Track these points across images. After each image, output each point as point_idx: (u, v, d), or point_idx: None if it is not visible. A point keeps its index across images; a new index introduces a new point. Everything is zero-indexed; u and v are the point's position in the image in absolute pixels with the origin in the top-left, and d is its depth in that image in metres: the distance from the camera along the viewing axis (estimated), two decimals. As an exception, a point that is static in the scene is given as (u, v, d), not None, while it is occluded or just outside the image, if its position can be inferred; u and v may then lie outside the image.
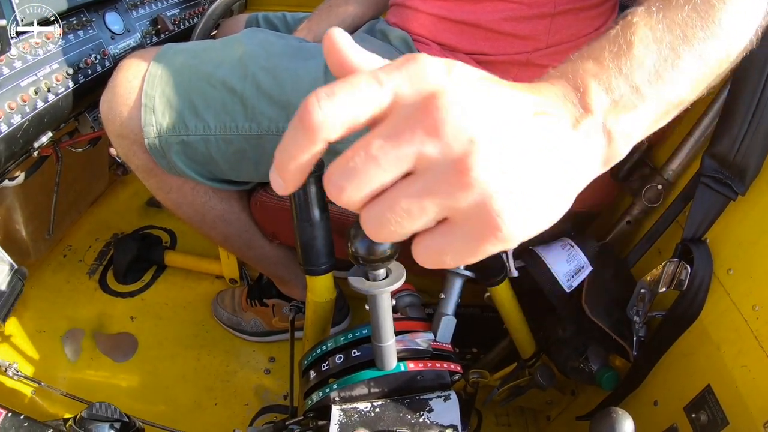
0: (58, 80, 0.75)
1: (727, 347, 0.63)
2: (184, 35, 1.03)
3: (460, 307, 0.73)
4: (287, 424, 0.67)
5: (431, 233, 0.24)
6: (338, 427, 0.52)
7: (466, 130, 0.22)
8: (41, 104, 0.72)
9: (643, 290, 0.72)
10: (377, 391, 0.55)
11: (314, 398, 0.57)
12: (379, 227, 0.24)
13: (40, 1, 0.70)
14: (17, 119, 0.69)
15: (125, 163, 0.83)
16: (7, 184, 0.87)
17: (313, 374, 0.59)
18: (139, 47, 0.92)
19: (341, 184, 0.23)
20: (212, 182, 0.81)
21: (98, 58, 0.83)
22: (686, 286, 0.66)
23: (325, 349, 0.61)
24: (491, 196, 0.22)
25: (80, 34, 0.80)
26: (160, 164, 0.77)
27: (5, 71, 0.67)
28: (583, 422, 0.82)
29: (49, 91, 0.73)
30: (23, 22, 0.69)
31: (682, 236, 0.69)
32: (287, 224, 0.83)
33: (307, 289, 0.65)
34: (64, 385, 1.06)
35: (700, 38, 0.31)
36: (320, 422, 0.57)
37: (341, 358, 0.58)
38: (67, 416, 0.63)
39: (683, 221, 0.70)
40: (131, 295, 1.25)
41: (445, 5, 0.74)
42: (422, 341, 0.60)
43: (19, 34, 0.69)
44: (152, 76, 0.73)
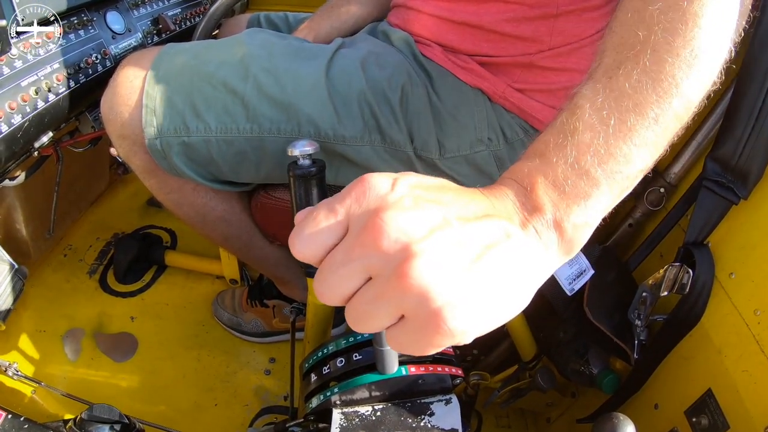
0: (58, 80, 0.74)
1: (728, 351, 0.63)
2: (185, 35, 1.03)
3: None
4: (288, 425, 0.67)
5: (395, 327, 0.26)
6: (339, 430, 0.52)
7: (402, 239, 0.24)
8: (42, 104, 0.72)
9: (644, 294, 0.72)
10: (378, 394, 0.55)
11: (315, 401, 0.57)
12: (354, 323, 0.27)
13: (40, 0, 0.70)
14: (18, 119, 0.69)
15: (126, 163, 0.83)
16: (7, 183, 0.87)
17: (314, 377, 0.59)
18: (140, 47, 0.92)
19: (321, 290, 0.27)
20: (213, 183, 0.81)
21: (99, 57, 0.82)
22: (688, 289, 0.66)
23: (326, 352, 0.61)
24: (430, 296, 0.24)
25: (81, 33, 0.80)
26: (160, 165, 0.77)
27: (6, 71, 0.67)
28: (583, 424, 0.82)
29: (49, 90, 0.73)
30: (23, 21, 0.68)
31: (684, 240, 0.69)
32: (287, 225, 0.83)
33: (307, 290, 0.64)
34: (63, 384, 1.06)
35: (653, 102, 0.30)
36: (321, 425, 0.57)
37: (342, 361, 0.57)
38: (67, 416, 0.63)
39: (685, 225, 0.70)
40: (131, 294, 1.25)
41: (446, 6, 0.74)
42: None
43: (19, 33, 0.68)
44: (153, 76, 0.72)
